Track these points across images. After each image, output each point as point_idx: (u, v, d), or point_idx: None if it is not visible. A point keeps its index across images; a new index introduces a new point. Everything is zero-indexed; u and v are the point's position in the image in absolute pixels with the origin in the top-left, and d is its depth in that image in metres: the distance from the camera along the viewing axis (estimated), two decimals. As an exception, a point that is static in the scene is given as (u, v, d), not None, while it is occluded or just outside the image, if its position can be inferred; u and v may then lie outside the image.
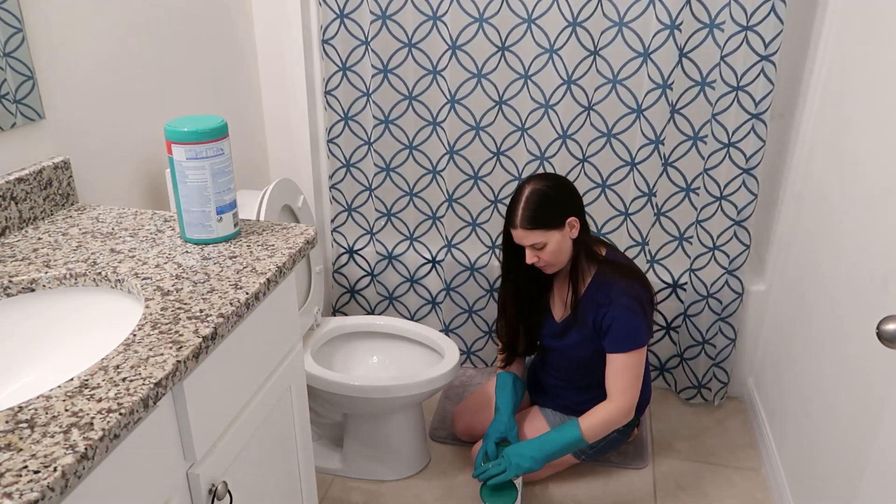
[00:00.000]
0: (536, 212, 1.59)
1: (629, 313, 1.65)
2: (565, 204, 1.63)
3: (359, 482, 1.96)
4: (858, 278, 1.46)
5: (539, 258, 1.64)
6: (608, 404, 1.69)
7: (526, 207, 1.60)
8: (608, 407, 1.69)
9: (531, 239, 1.61)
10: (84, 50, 1.39)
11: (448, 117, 2.10)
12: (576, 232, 1.65)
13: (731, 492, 1.93)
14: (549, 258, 1.64)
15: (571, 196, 1.66)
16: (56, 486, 0.67)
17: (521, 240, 1.63)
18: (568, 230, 1.63)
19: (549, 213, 1.60)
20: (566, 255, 1.67)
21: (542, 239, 1.61)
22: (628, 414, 1.69)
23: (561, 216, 1.62)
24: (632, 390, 1.69)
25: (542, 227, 1.60)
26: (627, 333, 1.66)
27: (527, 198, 1.61)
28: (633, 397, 1.69)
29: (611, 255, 1.74)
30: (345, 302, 2.46)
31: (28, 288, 1.06)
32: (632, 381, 1.69)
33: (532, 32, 1.98)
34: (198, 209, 1.17)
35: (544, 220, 1.60)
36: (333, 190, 2.30)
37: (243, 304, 1.01)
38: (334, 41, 2.08)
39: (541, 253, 1.63)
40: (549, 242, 1.62)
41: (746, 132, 1.91)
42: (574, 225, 1.64)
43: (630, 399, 1.69)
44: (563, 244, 1.64)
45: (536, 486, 1.94)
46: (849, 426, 1.43)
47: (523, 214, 1.60)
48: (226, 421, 1.03)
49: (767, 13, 1.78)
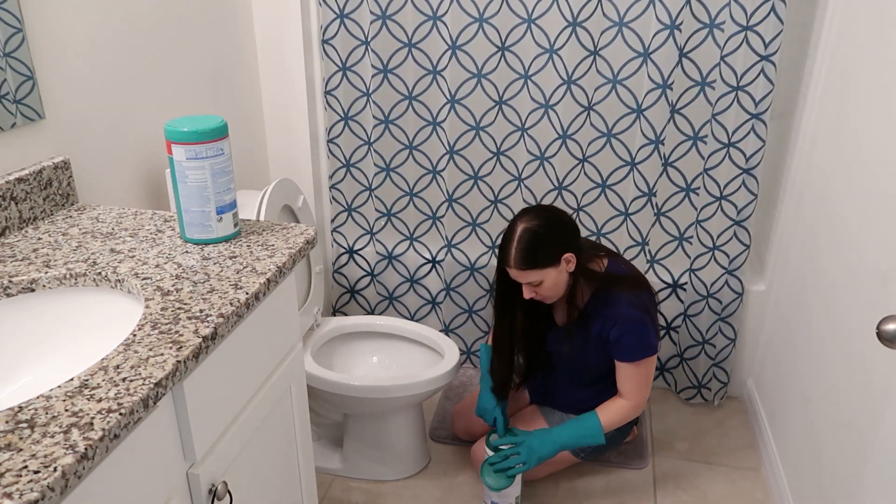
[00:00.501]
0: (529, 252, 1.57)
1: (638, 325, 1.66)
2: (559, 241, 1.60)
3: (359, 482, 1.96)
4: (858, 278, 1.46)
5: (536, 293, 1.64)
6: (624, 402, 1.73)
7: (518, 248, 1.57)
8: (624, 404, 1.73)
9: (527, 278, 1.60)
10: (84, 50, 1.39)
11: (448, 117, 2.10)
12: (572, 266, 1.62)
13: (731, 492, 1.93)
14: (546, 293, 1.64)
15: (564, 232, 1.62)
16: (56, 486, 0.67)
17: (517, 278, 1.62)
18: (564, 265, 1.61)
19: (543, 253, 1.58)
20: (564, 287, 1.65)
21: (538, 277, 1.59)
22: (641, 409, 1.75)
23: (556, 254, 1.59)
24: (645, 389, 1.73)
25: (537, 266, 1.58)
26: (637, 344, 1.67)
27: (519, 238, 1.57)
28: (646, 395, 1.74)
29: (612, 267, 1.72)
30: (345, 302, 2.46)
31: (28, 288, 1.06)
32: (644, 382, 1.73)
33: (532, 32, 1.98)
34: (198, 209, 1.17)
35: (538, 261, 1.58)
36: (333, 190, 2.30)
37: (243, 304, 1.01)
38: (334, 41, 2.08)
39: (538, 289, 1.62)
40: (545, 280, 1.60)
41: (746, 132, 1.91)
42: (570, 260, 1.61)
43: (644, 397, 1.74)
44: (560, 278, 1.62)
45: (537, 486, 1.94)
46: (849, 426, 1.43)
47: (517, 255, 1.57)
48: (226, 421, 1.03)
49: (767, 13, 1.78)
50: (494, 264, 2.25)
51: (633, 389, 1.72)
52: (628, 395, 1.72)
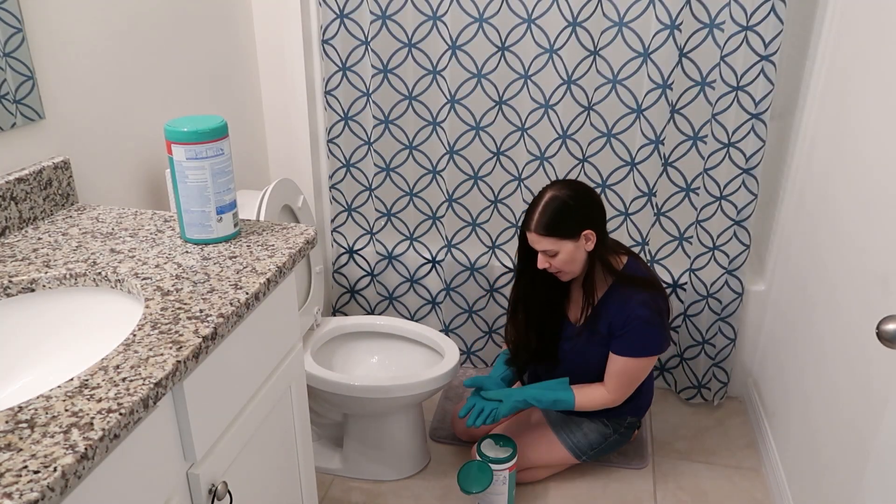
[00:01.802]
0: (552, 219, 1.59)
1: (647, 326, 1.66)
2: (583, 215, 1.61)
3: (359, 482, 1.96)
4: (858, 278, 1.46)
5: (550, 264, 1.64)
6: (601, 390, 1.74)
7: (543, 213, 1.59)
8: (602, 393, 1.74)
9: (543, 245, 1.61)
10: (84, 50, 1.39)
11: (448, 117, 2.10)
12: (591, 245, 1.63)
13: (731, 492, 1.93)
14: (560, 266, 1.64)
15: (591, 208, 1.63)
16: (56, 486, 0.67)
17: (533, 244, 1.64)
18: (583, 242, 1.62)
19: (565, 223, 1.59)
20: (579, 266, 1.66)
21: (554, 247, 1.61)
22: (614, 404, 1.76)
23: (577, 227, 1.60)
24: (628, 389, 1.72)
25: (556, 235, 1.59)
26: (639, 342, 1.68)
27: (545, 203, 1.59)
28: (626, 395, 1.74)
29: (630, 266, 1.73)
30: (345, 302, 2.46)
31: (28, 288, 1.06)
32: (630, 382, 1.72)
33: (532, 32, 1.98)
34: (198, 209, 1.17)
35: (559, 229, 1.59)
36: (333, 190, 2.30)
37: (243, 304, 1.01)
38: (334, 41, 2.08)
39: (552, 260, 1.63)
40: (560, 251, 1.61)
41: (746, 132, 1.91)
42: (590, 238, 1.62)
43: (623, 396, 1.74)
44: (576, 255, 1.63)
45: (537, 486, 1.94)
46: (849, 426, 1.43)
47: (539, 220, 1.60)
48: (226, 421, 1.03)
49: (767, 13, 1.78)
50: (495, 264, 2.26)
51: (617, 385, 1.71)
52: (611, 388, 1.72)
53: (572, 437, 1.87)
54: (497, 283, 2.29)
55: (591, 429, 1.88)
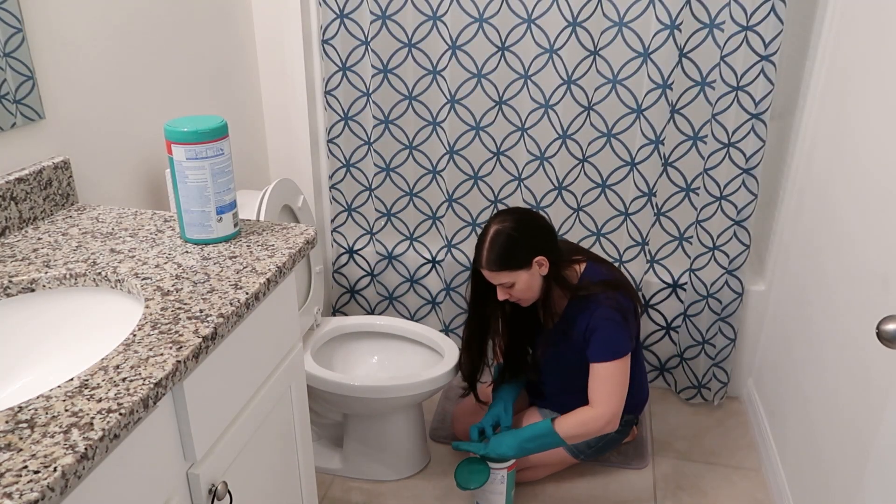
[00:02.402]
0: (501, 254, 1.59)
1: (610, 324, 1.66)
2: (530, 245, 1.61)
3: (359, 482, 1.96)
4: (858, 278, 1.46)
5: (510, 295, 1.66)
6: (588, 410, 1.70)
7: (490, 249, 1.60)
8: (588, 412, 1.69)
9: (499, 279, 1.63)
10: (84, 50, 1.39)
11: (448, 117, 2.10)
12: (545, 269, 1.64)
13: (731, 492, 1.93)
14: (520, 295, 1.66)
15: (537, 235, 1.64)
16: (56, 486, 0.67)
17: (489, 279, 1.65)
18: (536, 269, 1.63)
19: (515, 255, 1.60)
20: (537, 290, 1.67)
21: (510, 279, 1.62)
22: (609, 421, 1.68)
23: (527, 256, 1.61)
24: (614, 398, 1.68)
25: (508, 268, 1.60)
26: (608, 343, 1.67)
27: (491, 239, 1.60)
28: (616, 405, 1.68)
29: (590, 271, 1.72)
30: (345, 302, 2.46)
31: (28, 288, 1.06)
32: (614, 390, 1.68)
33: (532, 32, 1.98)
34: (198, 209, 1.17)
35: (510, 262, 1.60)
36: (333, 190, 2.30)
37: (243, 304, 1.01)
38: (334, 41, 2.08)
39: (511, 290, 1.65)
40: (517, 282, 1.62)
41: (746, 132, 1.91)
42: (542, 263, 1.63)
43: (613, 407, 1.68)
44: (532, 281, 1.64)
45: (536, 486, 1.94)
46: (849, 426, 1.43)
47: (488, 256, 1.60)
48: (226, 421, 1.03)
49: (767, 13, 1.78)
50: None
51: (602, 395, 1.67)
52: (597, 401, 1.68)
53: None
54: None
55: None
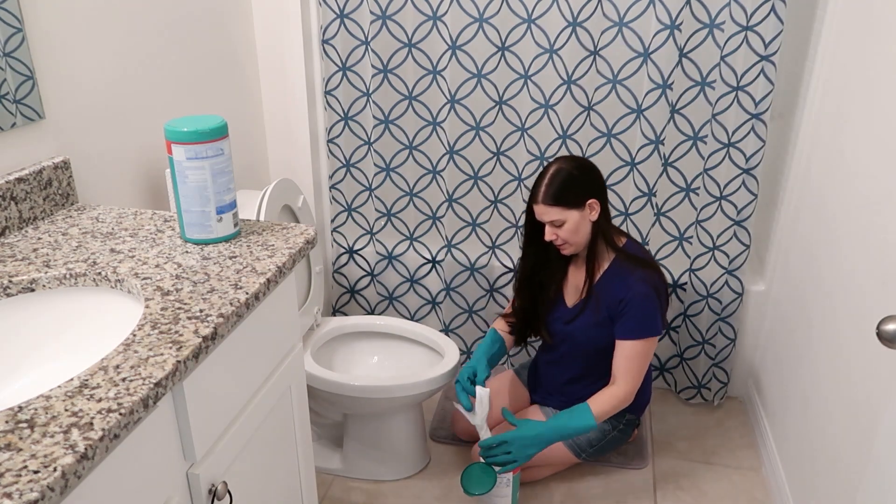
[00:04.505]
0: (558, 189, 1.64)
1: (646, 301, 1.67)
2: (587, 186, 1.67)
3: (359, 482, 1.96)
4: (858, 278, 1.46)
5: (557, 236, 1.68)
6: (615, 388, 1.71)
7: (549, 184, 1.65)
8: (615, 391, 1.70)
9: (550, 215, 1.66)
10: (84, 50, 1.39)
11: (448, 117, 2.10)
12: (595, 214, 1.68)
13: (731, 492, 1.93)
14: (567, 236, 1.68)
15: (595, 179, 1.69)
16: (56, 486, 0.67)
17: (541, 215, 1.68)
18: (588, 212, 1.67)
19: (571, 193, 1.65)
20: (584, 236, 1.70)
21: (561, 217, 1.65)
22: (630, 398, 1.72)
23: (582, 197, 1.66)
24: (638, 376, 1.71)
25: (562, 204, 1.64)
26: (642, 321, 1.68)
27: (551, 175, 1.66)
28: (637, 383, 1.72)
29: (630, 246, 1.76)
30: (345, 302, 2.46)
31: (28, 288, 1.06)
32: (640, 368, 1.71)
33: (532, 32, 1.98)
34: (198, 209, 1.17)
35: (564, 199, 1.64)
36: (333, 190, 2.30)
37: (243, 304, 1.01)
38: (334, 41, 2.08)
39: (559, 231, 1.67)
40: (567, 221, 1.66)
41: (746, 132, 1.91)
42: (594, 207, 1.67)
43: (634, 385, 1.71)
44: (582, 225, 1.67)
45: (537, 486, 1.94)
46: (849, 426, 1.43)
47: (545, 191, 1.65)
48: (226, 421, 1.03)
49: (767, 13, 1.78)
50: (495, 264, 2.26)
51: (627, 372, 1.70)
52: (622, 378, 1.70)
53: (572, 436, 1.87)
54: (497, 283, 2.29)
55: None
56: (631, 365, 1.70)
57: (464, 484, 1.70)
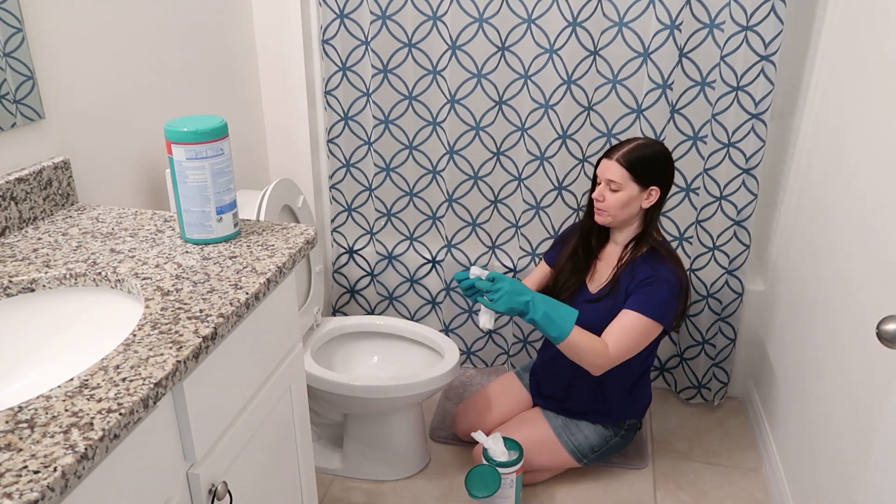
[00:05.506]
0: (637, 158, 1.64)
1: (668, 288, 1.65)
2: (661, 173, 1.67)
3: (359, 482, 1.96)
4: (858, 278, 1.46)
5: (604, 198, 1.67)
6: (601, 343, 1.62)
7: (632, 150, 1.65)
8: (600, 344, 1.62)
9: (614, 175, 1.65)
10: (84, 50, 1.39)
11: (448, 117, 2.10)
12: (650, 202, 1.68)
13: (731, 492, 1.93)
14: (614, 203, 1.67)
15: (670, 173, 1.70)
16: (56, 486, 0.67)
17: (604, 171, 1.67)
18: (645, 196, 1.67)
19: (644, 167, 1.64)
20: (627, 215, 1.69)
21: (622, 183, 1.64)
22: (604, 366, 1.63)
23: (652, 178, 1.66)
24: (625, 349, 1.63)
25: (631, 172, 1.64)
26: (656, 303, 1.64)
27: (639, 144, 1.66)
28: (620, 357, 1.63)
29: (665, 244, 1.76)
30: (345, 302, 2.46)
31: (28, 288, 1.06)
32: (630, 342, 1.63)
33: (532, 32, 1.98)
34: (198, 209, 1.17)
35: (636, 169, 1.64)
36: (333, 190, 2.30)
37: (243, 304, 1.01)
38: (334, 41, 2.08)
39: (609, 195, 1.66)
40: (624, 190, 1.65)
41: (746, 132, 1.91)
42: (653, 195, 1.67)
43: (617, 357, 1.63)
44: (633, 203, 1.67)
45: (537, 487, 1.94)
46: (849, 426, 1.43)
47: (626, 152, 1.65)
48: (226, 421, 1.03)
49: (767, 13, 1.78)
50: (495, 264, 2.26)
51: (618, 339, 1.62)
52: (611, 343, 1.62)
53: (573, 440, 1.87)
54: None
55: (591, 431, 1.87)
56: (624, 334, 1.62)
57: (468, 486, 1.70)
